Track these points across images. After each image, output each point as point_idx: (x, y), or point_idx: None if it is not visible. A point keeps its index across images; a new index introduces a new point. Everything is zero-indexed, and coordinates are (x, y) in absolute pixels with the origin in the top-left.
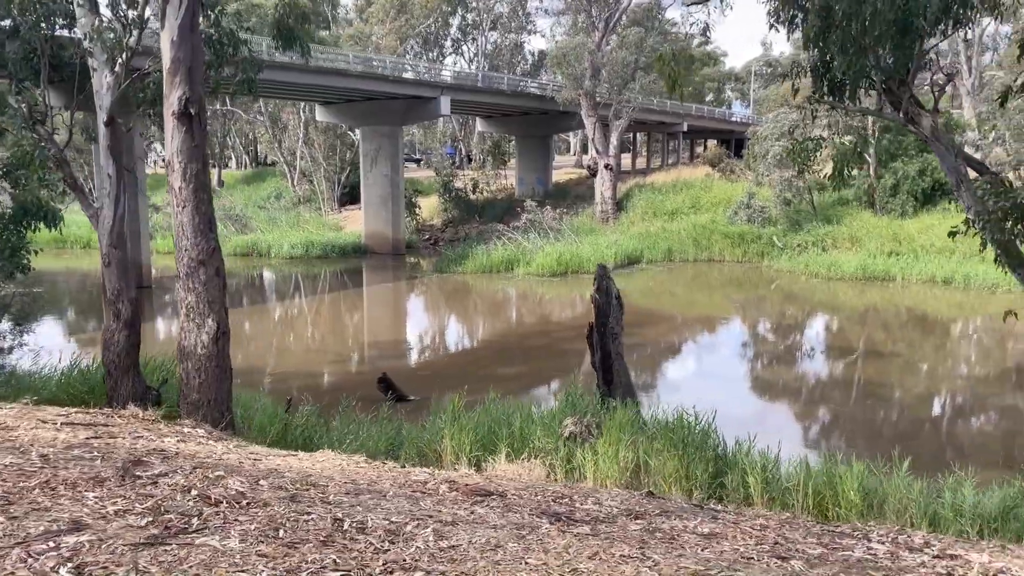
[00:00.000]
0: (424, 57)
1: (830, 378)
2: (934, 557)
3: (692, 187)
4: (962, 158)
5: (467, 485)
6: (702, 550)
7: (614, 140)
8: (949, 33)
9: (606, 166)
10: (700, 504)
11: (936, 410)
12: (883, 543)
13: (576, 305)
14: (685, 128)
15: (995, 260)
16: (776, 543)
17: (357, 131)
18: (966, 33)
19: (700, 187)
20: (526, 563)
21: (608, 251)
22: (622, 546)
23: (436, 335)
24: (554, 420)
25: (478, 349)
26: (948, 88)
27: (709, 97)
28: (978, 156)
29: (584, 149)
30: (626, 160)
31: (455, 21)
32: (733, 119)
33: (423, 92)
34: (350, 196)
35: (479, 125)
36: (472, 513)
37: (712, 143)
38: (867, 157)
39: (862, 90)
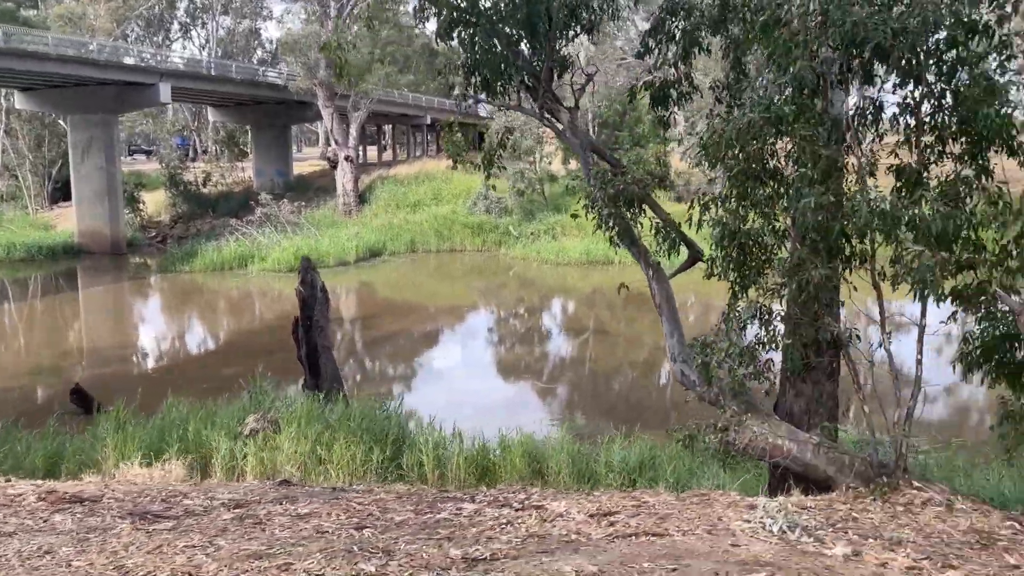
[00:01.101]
0: (148, 42)
1: (562, 356)
2: (517, 510)
3: (435, 179)
4: (591, 150)
5: (58, 495)
6: (282, 531)
7: (353, 132)
8: (581, 35)
9: (346, 158)
10: (338, 488)
11: (659, 379)
12: (480, 503)
13: None
14: (429, 120)
15: (609, 241)
16: (369, 515)
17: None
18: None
19: (442, 179)
20: (70, 565)
21: (349, 244)
22: (194, 536)
23: (156, 339)
24: (234, 419)
25: (200, 351)
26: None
27: (457, 91)
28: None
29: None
30: (373, 152)
31: (182, 4)
32: (480, 113)
33: (139, 78)
34: (64, 192)
35: (211, 115)
36: (46, 522)
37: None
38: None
39: (512, 87)
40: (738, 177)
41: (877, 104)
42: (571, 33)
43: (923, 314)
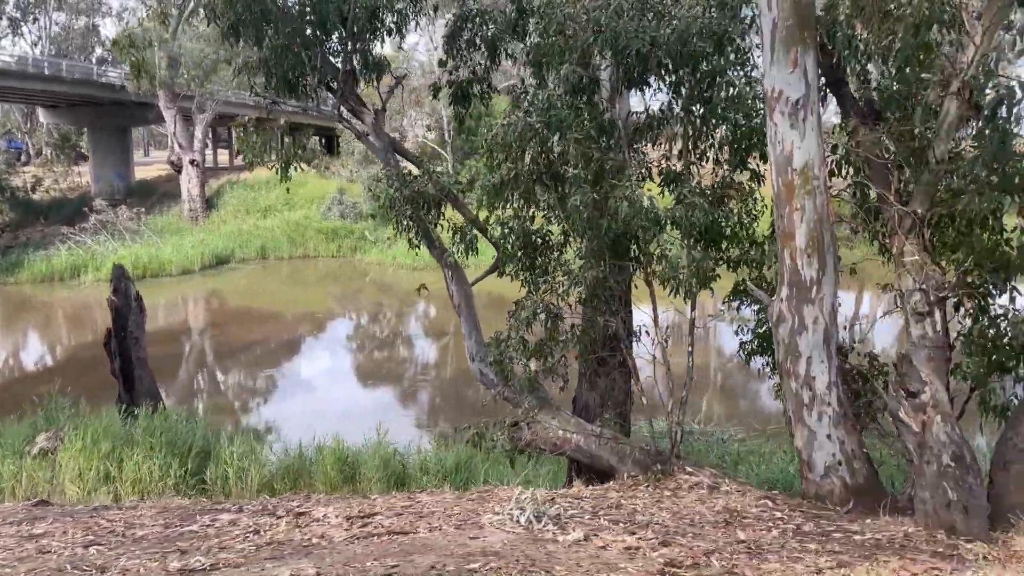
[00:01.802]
0: None
1: (421, 360)
2: (277, 517)
3: (288, 183)
4: (393, 152)
5: None
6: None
7: (198, 134)
8: (390, 37)
9: (191, 162)
10: (101, 506)
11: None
12: (244, 513)
13: (157, 312)
14: (283, 122)
15: (408, 243)
16: (111, 532)
17: None
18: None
19: (295, 183)
20: None
21: (194, 251)
22: None
23: None
24: (20, 438)
25: (17, 366)
26: None
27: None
28: None
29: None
30: (225, 156)
31: None
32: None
33: None
34: None
35: (42, 116)
36: None
37: (315, 139)
38: (444, 153)
39: (311, 88)
40: (520, 179)
41: (650, 110)
42: (374, 35)
43: (692, 307)
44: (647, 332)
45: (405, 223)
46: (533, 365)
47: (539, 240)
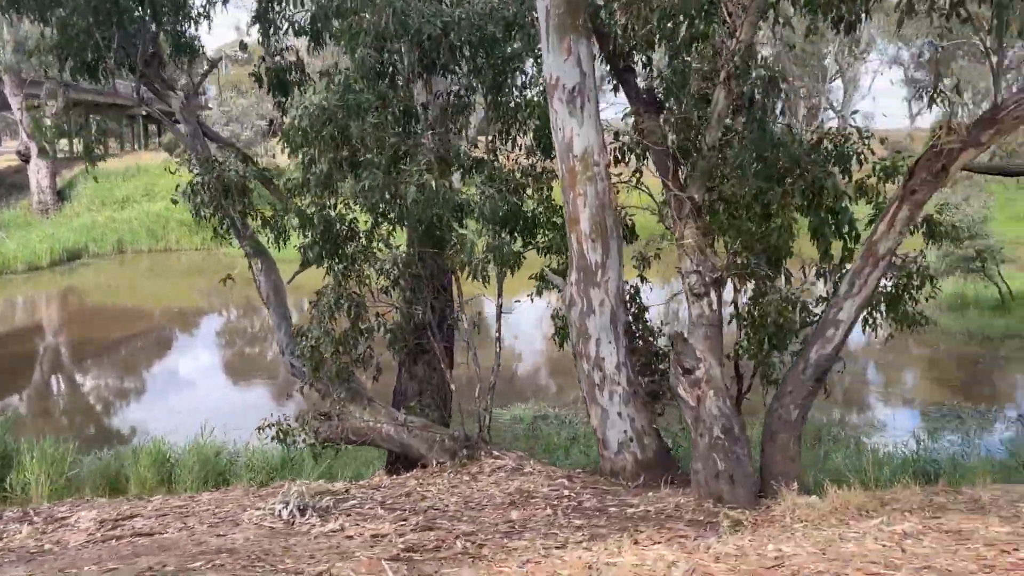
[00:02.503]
0: None
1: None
2: (32, 524)
3: (149, 173)
4: (202, 137)
5: None
6: None
7: (48, 122)
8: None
9: (41, 151)
10: None
11: None
12: (5, 520)
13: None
14: (145, 112)
15: (213, 232)
16: None
17: None
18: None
19: (157, 173)
20: None
21: (42, 245)
22: None
23: None
24: None
25: None
26: None
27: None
28: None
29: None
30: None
31: None
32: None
33: None
34: None
35: None
36: None
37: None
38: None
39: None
40: (316, 165)
41: (450, 94)
42: (179, 16)
43: (499, 294)
44: (475, 324)
45: (206, 211)
46: (345, 356)
47: (344, 228)
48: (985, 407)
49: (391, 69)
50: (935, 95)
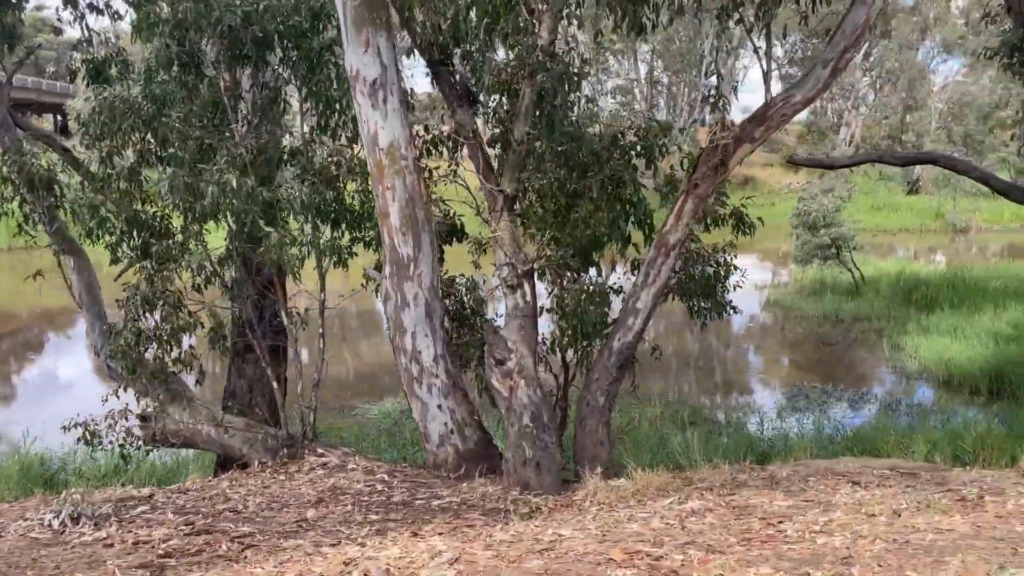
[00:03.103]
0: None
1: None
2: None
3: None
4: (13, 127)
5: None
6: None
7: None
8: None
9: None
10: None
11: None
12: None
13: None
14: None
15: (18, 228)
16: None
17: None
18: None
19: None
20: None
21: None
22: None
23: None
24: None
25: None
26: None
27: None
28: None
29: None
30: None
31: None
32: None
33: None
34: None
35: None
36: None
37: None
38: None
39: None
40: (120, 156)
41: (263, 85)
42: None
43: (322, 289)
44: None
45: (9, 207)
46: (167, 356)
47: (156, 225)
48: (831, 387)
49: (196, 60)
50: (716, 96)
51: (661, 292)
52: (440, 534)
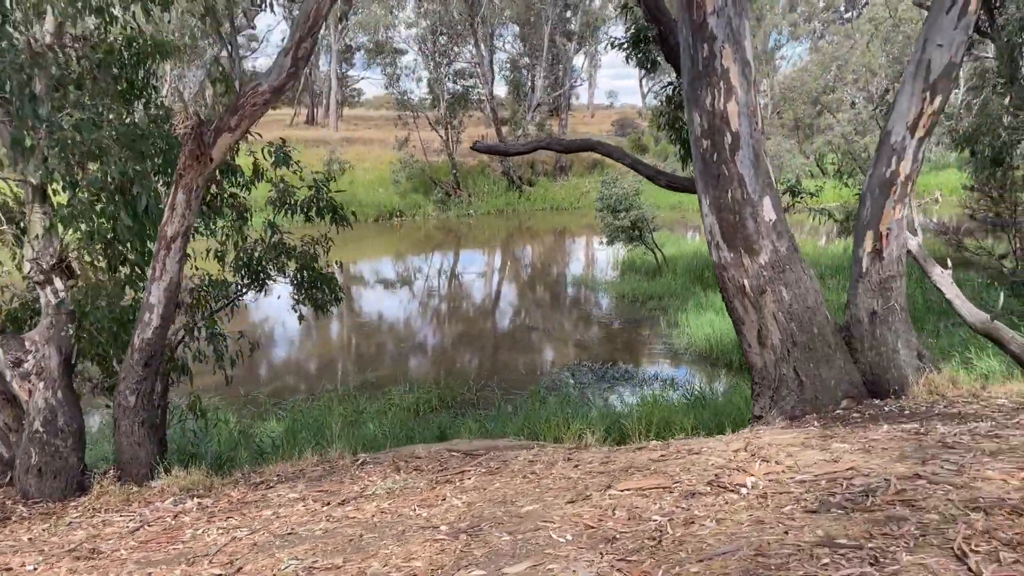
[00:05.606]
0: None
1: None
2: None
3: None
4: None
5: None
6: None
7: None
8: None
9: None
10: None
11: None
12: None
13: None
14: None
15: None
16: None
17: None
18: None
19: None
20: None
21: None
22: None
23: None
24: None
25: None
26: None
27: None
28: None
29: None
30: None
31: None
32: None
33: None
34: None
35: None
36: None
37: None
38: None
39: None
40: None
41: None
42: None
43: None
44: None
45: None
46: None
47: None
48: (607, 364)
49: None
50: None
51: (175, 286)
52: None
